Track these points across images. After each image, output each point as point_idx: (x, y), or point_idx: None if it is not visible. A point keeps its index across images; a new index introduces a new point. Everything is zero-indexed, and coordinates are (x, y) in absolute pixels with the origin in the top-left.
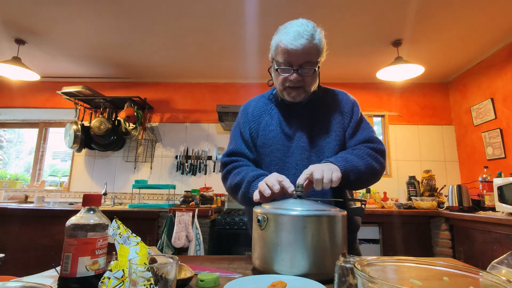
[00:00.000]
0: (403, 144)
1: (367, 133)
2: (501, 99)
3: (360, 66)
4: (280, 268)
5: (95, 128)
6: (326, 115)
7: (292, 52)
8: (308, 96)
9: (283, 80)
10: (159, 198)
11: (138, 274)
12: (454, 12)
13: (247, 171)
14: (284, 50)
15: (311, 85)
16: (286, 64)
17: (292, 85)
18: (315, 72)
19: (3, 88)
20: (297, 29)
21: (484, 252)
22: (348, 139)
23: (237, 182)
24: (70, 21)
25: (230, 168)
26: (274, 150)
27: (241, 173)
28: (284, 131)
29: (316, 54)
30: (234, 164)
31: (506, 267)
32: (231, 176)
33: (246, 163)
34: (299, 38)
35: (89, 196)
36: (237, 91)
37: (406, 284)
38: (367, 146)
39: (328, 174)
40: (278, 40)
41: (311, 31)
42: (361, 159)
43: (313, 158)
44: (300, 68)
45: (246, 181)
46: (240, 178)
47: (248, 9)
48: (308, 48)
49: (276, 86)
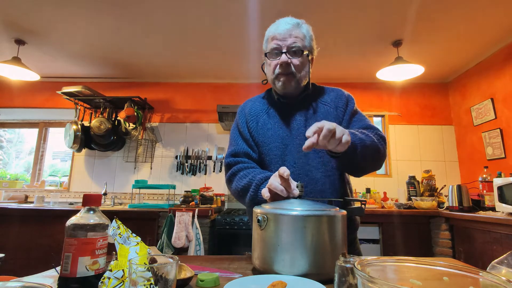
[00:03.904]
0: (403, 144)
1: (364, 122)
2: (501, 99)
3: (360, 66)
4: (280, 268)
5: (95, 128)
6: (321, 111)
7: (279, 36)
8: (300, 89)
9: (274, 66)
10: (159, 198)
11: (138, 274)
12: (454, 13)
13: (254, 173)
14: (272, 37)
15: (301, 71)
16: (275, 49)
17: (282, 70)
18: (303, 57)
19: (3, 88)
20: (285, 20)
21: (484, 252)
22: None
23: (244, 185)
24: (70, 21)
25: (235, 170)
26: (273, 148)
27: (248, 176)
28: (281, 129)
29: (302, 39)
30: (239, 166)
31: (506, 267)
32: (236, 178)
33: (251, 165)
34: (285, 25)
35: (89, 196)
36: (237, 91)
37: (406, 284)
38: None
39: (339, 132)
40: (268, 32)
41: (297, 21)
42: (367, 136)
43: (310, 155)
44: (288, 51)
45: (254, 184)
46: (247, 181)
47: (249, 9)
48: (294, 32)
49: (269, 77)
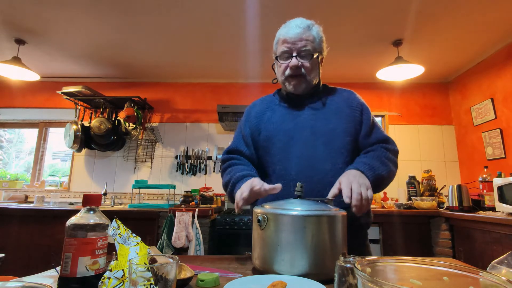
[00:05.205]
0: (403, 144)
1: (381, 132)
2: (501, 99)
3: (360, 66)
4: (280, 268)
5: (95, 128)
6: (333, 107)
7: (290, 40)
8: (311, 89)
9: (284, 68)
10: (159, 198)
11: (138, 274)
12: (454, 13)
13: (235, 171)
14: (283, 40)
15: (311, 74)
16: (285, 52)
17: (292, 72)
18: (313, 60)
19: (3, 88)
20: (295, 22)
21: (484, 252)
22: (365, 138)
23: (226, 181)
24: (70, 21)
25: (225, 166)
26: (276, 141)
27: (230, 173)
28: (286, 122)
29: (312, 42)
30: (229, 162)
31: (506, 267)
32: (224, 174)
33: (240, 162)
34: (296, 28)
35: (89, 196)
36: (237, 91)
37: (406, 284)
38: (384, 147)
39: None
40: (278, 34)
41: (308, 23)
42: (384, 165)
43: (319, 148)
44: (299, 54)
45: (231, 182)
46: (228, 178)
47: (249, 9)
48: (305, 35)
49: (279, 78)
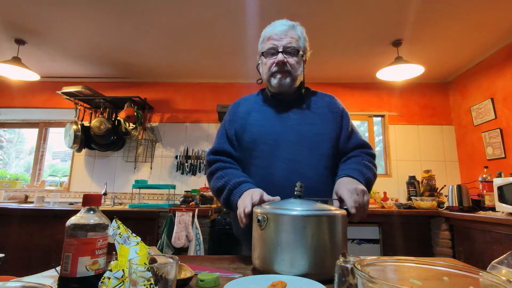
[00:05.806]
0: (403, 144)
1: (359, 137)
2: (501, 99)
3: (360, 66)
4: (280, 268)
5: (95, 128)
6: (318, 112)
7: (276, 37)
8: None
9: (270, 65)
10: (159, 198)
11: (138, 274)
12: (454, 12)
13: (230, 176)
14: (268, 37)
15: (296, 71)
16: (271, 49)
17: (278, 68)
18: (298, 56)
19: (3, 88)
20: (280, 21)
21: (484, 252)
22: (344, 143)
23: (219, 186)
24: (70, 21)
25: (213, 169)
26: (261, 144)
27: (224, 178)
28: (273, 125)
29: (297, 40)
30: (218, 164)
31: (506, 267)
32: (214, 178)
33: (231, 165)
34: (281, 26)
35: (89, 196)
36: (237, 91)
37: (406, 284)
38: (364, 152)
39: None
40: (264, 33)
41: (292, 23)
42: (368, 168)
43: (304, 153)
44: (284, 51)
45: (227, 188)
46: (223, 183)
47: (249, 9)
48: (290, 33)
49: (264, 76)
